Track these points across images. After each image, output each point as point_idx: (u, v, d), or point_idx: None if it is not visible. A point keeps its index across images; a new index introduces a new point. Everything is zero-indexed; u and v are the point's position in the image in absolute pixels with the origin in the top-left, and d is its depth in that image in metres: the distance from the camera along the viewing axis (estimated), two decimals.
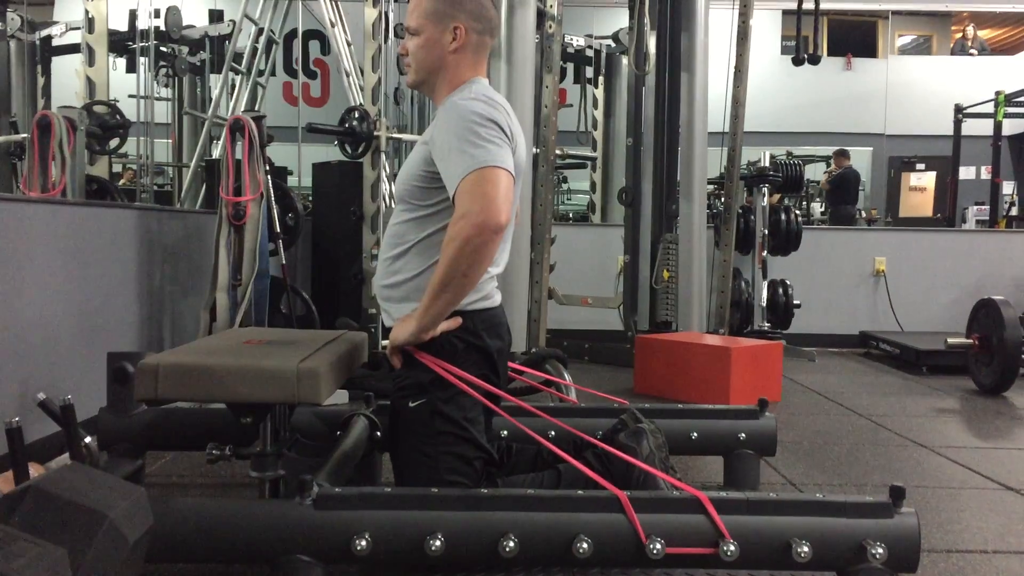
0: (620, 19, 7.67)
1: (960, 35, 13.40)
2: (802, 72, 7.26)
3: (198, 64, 7.22)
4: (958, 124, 9.08)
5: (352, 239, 4.99)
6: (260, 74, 6.87)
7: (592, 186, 8.45)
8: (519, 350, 4.35)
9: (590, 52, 8.02)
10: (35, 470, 2.13)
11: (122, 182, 8.23)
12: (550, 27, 4.88)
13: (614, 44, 7.86)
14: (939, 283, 6.75)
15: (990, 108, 8.51)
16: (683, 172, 5.44)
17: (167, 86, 7.23)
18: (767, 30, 11.55)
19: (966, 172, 10.45)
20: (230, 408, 1.96)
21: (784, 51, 11.89)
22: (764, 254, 6.32)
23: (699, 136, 5.37)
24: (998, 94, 8.39)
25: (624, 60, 6.97)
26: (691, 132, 5.36)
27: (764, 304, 6.25)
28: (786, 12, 10.95)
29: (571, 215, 10.07)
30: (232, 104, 6.65)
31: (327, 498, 1.78)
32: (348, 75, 5.89)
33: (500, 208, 1.87)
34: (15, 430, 1.92)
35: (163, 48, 6.85)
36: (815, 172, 10.64)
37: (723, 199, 5.85)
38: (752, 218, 6.31)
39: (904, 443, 3.59)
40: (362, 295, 4.90)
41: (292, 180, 6.36)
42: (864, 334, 6.56)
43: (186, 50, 7.06)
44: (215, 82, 6.96)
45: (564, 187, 10.01)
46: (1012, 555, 2.28)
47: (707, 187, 5.71)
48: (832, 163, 10.28)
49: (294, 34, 8.07)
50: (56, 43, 6.84)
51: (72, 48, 6.45)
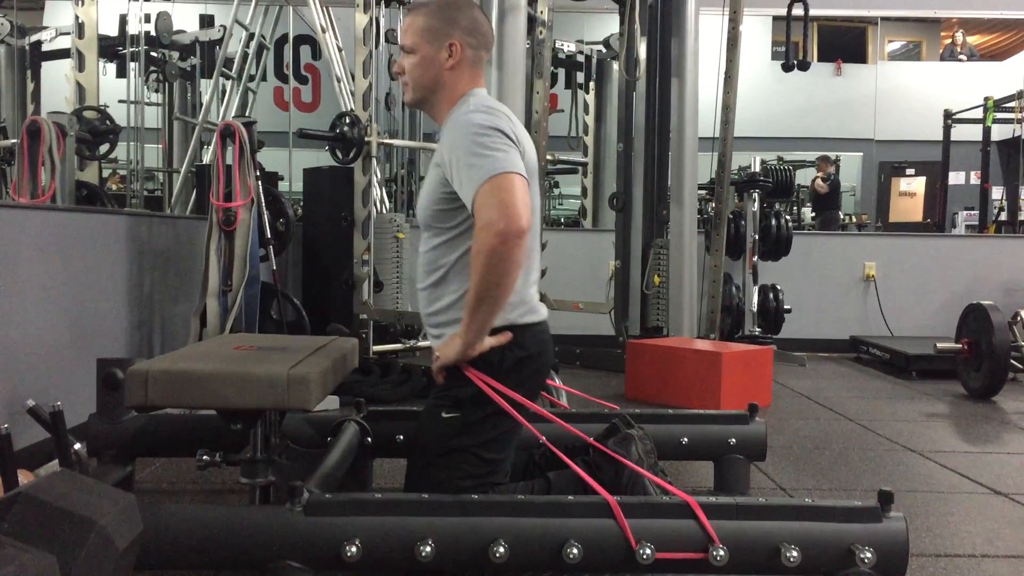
0: (611, 25, 7.71)
1: (949, 41, 13.46)
2: (792, 78, 7.29)
3: (188, 69, 7.22)
4: (947, 130, 9.12)
5: (343, 244, 5.00)
6: (251, 79, 6.87)
7: (583, 191, 8.49)
8: None
9: (581, 58, 8.06)
10: (24, 477, 2.12)
11: (114, 187, 8.20)
12: (540, 33, 4.90)
13: (605, 50, 7.90)
14: (929, 288, 6.77)
15: (979, 114, 8.55)
16: (674, 177, 5.46)
17: (157, 91, 7.23)
18: (757, 36, 11.60)
19: (955, 177, 10.50)
20: (220, 414, 1.96)
21: (775, 57, 11.93)
22: (755, 259, 6.34)
23: (689, 141, 5.38)
24: (987, 100, 8.44)
25: (615, 66, 6.99)
26: (682, 137, 5.38)
27: (755, 309, 6.27)
28: (776, 18, 10.98)
29: (562, 220, 10.08)
30: (223, 109, 6.64)
31: (317, 504, 1.77)
32: (339, 80, 5.90)
33: (519, 212, 1.86)
34: (4, 437, 1.91)
35: (153, 53, 6.85)
36: (805, 178, 10.67)
37: (714, 204, 5.87)
38: (743, 223, 6.34)
39: (893, 448, 3.61)
40: (353, 301, 4.90)
41: (283, 186, 6.37)
42: (854, 339, 6.58)
43: (176, 55, 7.06)
44: (205, 87, 6.95)
45: (555, 192, 10.03)
46: (1000, 559, 2.29)
47: (698, 192, 5.72)
48: (818, 168, 10.33)
49: (285, 39, 8.08)
50: (46, 48, 6.85)
51: (62, 53, 6.45)
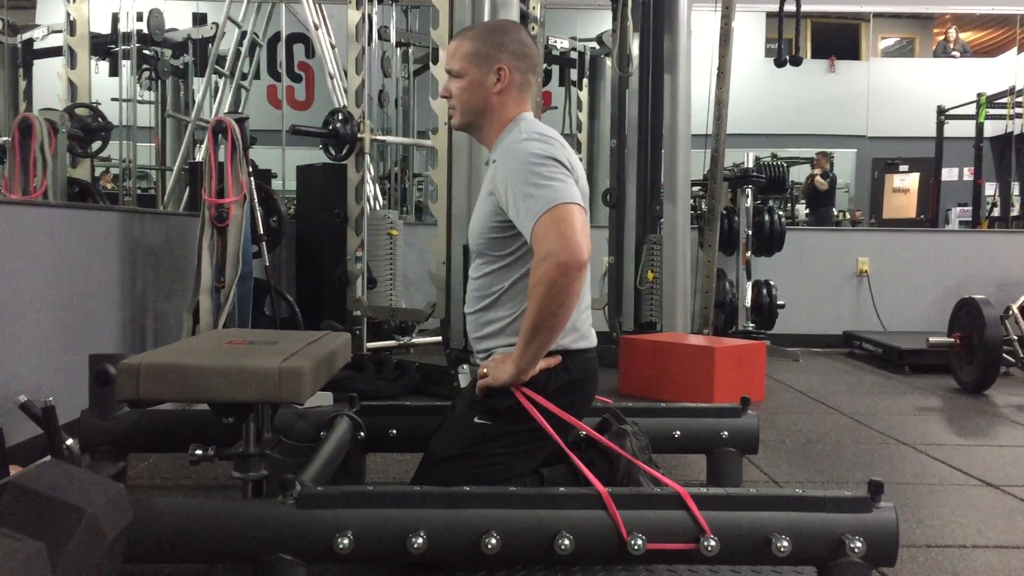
0: (604, 21, 7.70)
1: (942, 37, 13.49)
2: (786, 74, 7.31)
3: (181, 67, 7.21)
4: (940, 126, 9.16)
5: (336, 241, 4.99)
6: (243, 77, 6.87)
7: None
8: None
9: (574, 54, 8.05)
10: (15, 473, 2.12)
11: (108, 186, 8.18)
12: (533, 29, 4.90)
13: (598, 46, 7.89)
14: (922, 283, 6.79)
15: (972, 110, 8.59)
16: (667, 174, 5.46)
17: (150, 89, 7.21)
18: (751, 32, 11.61)
19: (949, 173, 10.54)
20: (212, 408, 1.95)
21: (768, 53, 11.94)
22: (748, 255, 6.36)
23: (683, 138, 5.38)
24: (980, 96, 8.47)
25: (608, 62, 6.99)
26: (675, 134, 5.38)
27: (748, 305, 6.29)
28: (769, 14, 11.00)
29: None
30: (215, 107, 6.64)
31: (309, 497, 1.77)
32: (332, 77, 5.90)
33: (580, 243, 1.86)
34: None
35: (146, 51, 6.84)
36: (799, 174, 10.69)
37: (707, 200, 5.88)
38: (736, 219, 6.35)
39: (886, 441, 3.62)
40: (346, 297, 4.90)
41: (276, 183, 6.36)
42: (847, 334, 6.60)
43: (169, 53, 7.05)
44: (198, 85, 6.94)
45: None
46: (990, 549, 2.30)
47: (691, 188, 5.73)
48: (816, 165, 10.33)
49: (278, 37, 8.05)
50: (38, 46, 6.84)
51: (54, 51, 6.43)
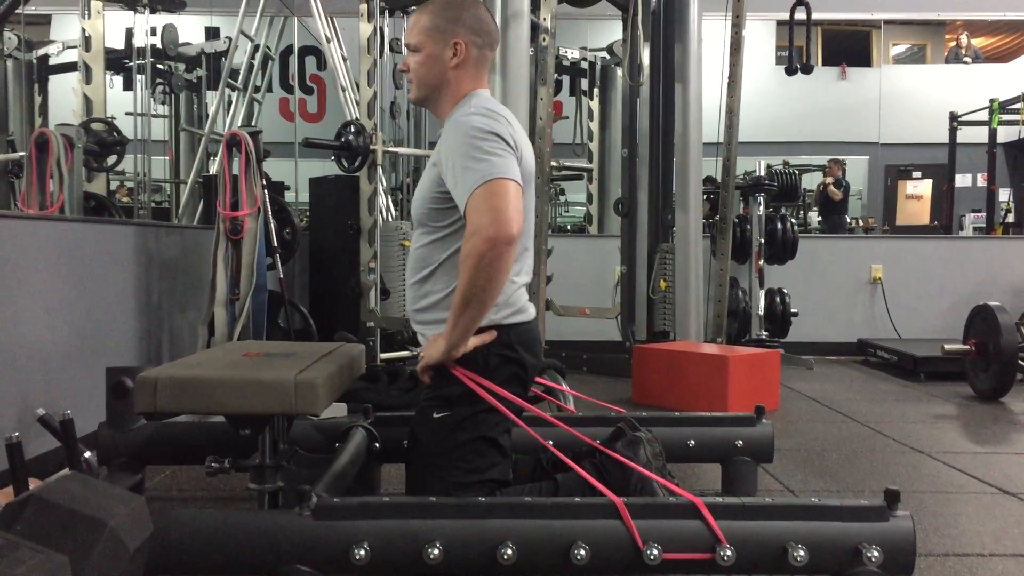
0: (614, 31, 7.74)
1: (954, 43, 13.43)
2: (797, 82, 7.30)
3: (194, 81, 7.26)
4: (953, 132, 9.11)
5: (350, 253, 5.01)
6: (256, 90, 6.90)
7: (588, 197, 8.50)
8: None
9: (585, 64, 8.07)
10: (35, 486, 2.13)
11: (124, 199, 8.24)
12: (544, 40, 4.92)
13: (608, 56, 7.92)
14: (936, 290, 6.76)
15: (985, 116, 8.54)
16: (678, 182, 5.47)
17: (164, 103, 7.25)
18: (761, 40, 11.59)
19: (962, 180, 10.48)
20: (229, 420, 1.97)
21: (779, 61, 11.91)
22: (761, 263, 6.35)
23: (694, 146, 5.39)
24: (992, 102, 8.43)
25: (619, 72, 7.01)
26: (686, 142, 5.39)
27: (761, 313, 6.27)
28: (780, 22, 10.99)
29: (568, 227, 10.10)
30: (228, 120, 6.68)
31: (326, 508, 1.78)
32: (344, 90, 5.92)
33: (510, 219, 1.88)
34: (15, 445, 1.93)
35: (160, 65, 6.89)
36: (811, 182, 10.66)
37: (719, 208, 5.87)
38: (748, 227, 6.34)
39: (902, 449, 3.60)
40: (360, 308, 4.91)
41: (290, 195, 6.39)
42: (862, 342, 6.57)
43: (182, 67, 7.10)
44: (211, 99, 6.99)
45: (561, 199, 10.04)
46: (1009, 558, 2.29)
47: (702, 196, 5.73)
48: (828, 172, 10.30)
49: (290, 50, 8.10)
50: (53, 62, 6.89)
51: (69, 66, 6.48)
